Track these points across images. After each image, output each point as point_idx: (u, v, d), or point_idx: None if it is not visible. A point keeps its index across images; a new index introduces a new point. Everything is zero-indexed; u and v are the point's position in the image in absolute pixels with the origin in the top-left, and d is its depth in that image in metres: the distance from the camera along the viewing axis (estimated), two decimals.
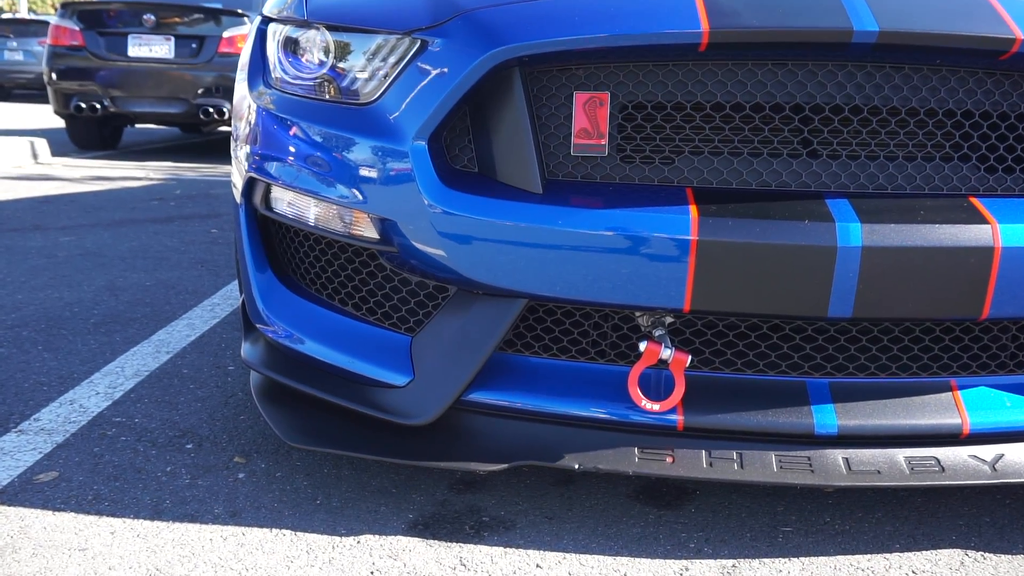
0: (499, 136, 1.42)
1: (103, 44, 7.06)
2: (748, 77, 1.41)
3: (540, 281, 1.37)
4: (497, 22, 1.40)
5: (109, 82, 7.01)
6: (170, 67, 7.01)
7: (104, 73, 7.02)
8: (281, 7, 1.76)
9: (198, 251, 3.70)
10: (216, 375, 2.19)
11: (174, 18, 7.05)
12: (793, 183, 1.42)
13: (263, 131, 1.65)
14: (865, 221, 1.31)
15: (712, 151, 1.43)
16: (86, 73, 7.03)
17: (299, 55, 1.65)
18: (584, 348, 1.51)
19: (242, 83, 1.80)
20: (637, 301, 1.36)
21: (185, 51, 7.03)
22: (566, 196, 1.39)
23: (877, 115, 1.42)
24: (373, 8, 1.57)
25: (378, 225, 1.48)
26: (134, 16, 7.02)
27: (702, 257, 1.31)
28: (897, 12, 1.35)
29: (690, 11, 1.35)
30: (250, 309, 1.74)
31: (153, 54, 7.01)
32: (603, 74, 1.42)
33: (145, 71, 6.99)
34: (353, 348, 1.58)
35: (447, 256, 1.40)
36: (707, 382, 1.46)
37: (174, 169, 6.68)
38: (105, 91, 7.01)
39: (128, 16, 7.05)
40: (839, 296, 1.32)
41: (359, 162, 1.47)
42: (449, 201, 1.39)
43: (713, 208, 1.34)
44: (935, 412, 1.44)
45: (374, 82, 1.51)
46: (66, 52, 7.06)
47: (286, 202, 1.64)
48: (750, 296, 1.33)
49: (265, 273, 1.72)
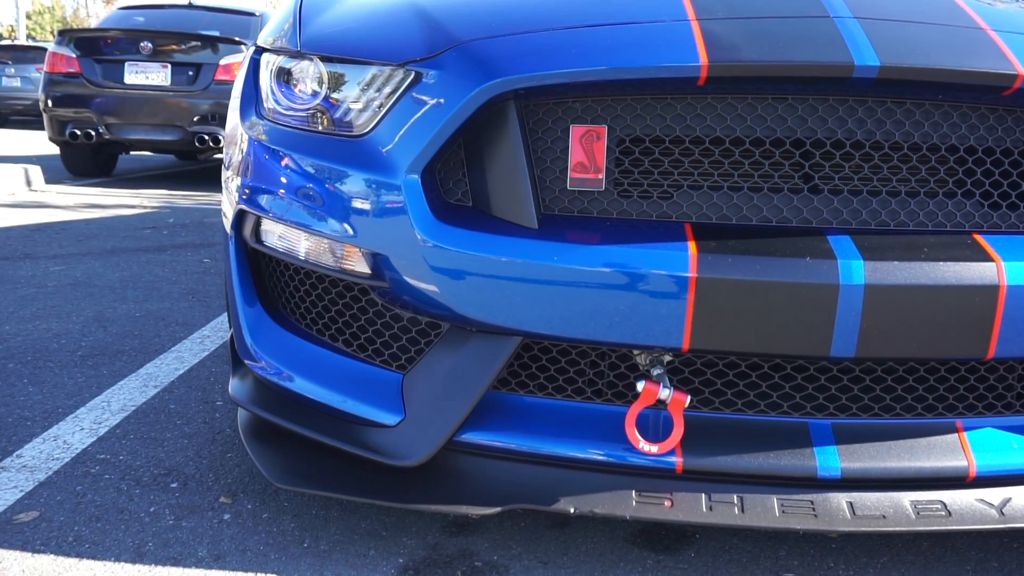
0: (494, 170, 1.41)
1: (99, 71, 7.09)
2: (748, 111, 1.40)
3: (535, 318, 1.35)
4: (492, 54, 1.39)
5: (105, 109, 7.03)
6: (166, 94, 7.04)
7: (100, 100, 7.04)
8: (275, 37, 1.76)
9: (190, 281, 3.68)
10: (204, 411, 2.16)
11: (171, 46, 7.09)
12: (794, 219, 1.40)
13: (254, 162, 1.64)
14: (868, 258, 1.30)
15: (711, 186, 1.42)
16: (82, 100, 7.06)
17: (292, 86, 1.64)
18: (580, 387, 1.48)
19: (234, 113, 1.79)
20: (635, 339, 1.33)
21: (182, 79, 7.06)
22: (562, 231, 1.37)
23: (879, 150, 1.41)
24: (368, 39, 1.57)
25: (370, 260, 1.46)
26: (131, 44, 7.06)
27: (701, 294, 1.29)
28: (899, 47, 1.34)
29: (688, 44, 1.34)
30: (238, 344, 1.71)
31: (149, 81, 7.04)
32: (600, 107, 1.41)
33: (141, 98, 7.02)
34: (343, 386, 1.55)
35: (440, 292, 1.38)
36: (707, 423, 1.44)
37: (168, 197, 6.68)
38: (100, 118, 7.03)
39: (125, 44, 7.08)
40: (842, 335, 1.30)
41: (351, 195, 1.46)
42: (442, 236, 1.37)
43: (712, 244, 1.32)
44: (941, 454, 1.41)
45: (367, 114, 1.50)
46: (62, 79, 7.09)
47: (276, 235, 1.63)
48: (751, 335, 1.31)
49: (254, 307, 1.70)
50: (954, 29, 1.41)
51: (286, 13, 1.80)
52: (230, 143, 1.80)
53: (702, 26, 1.37)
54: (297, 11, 1.74)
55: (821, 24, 1.37)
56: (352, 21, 1.65)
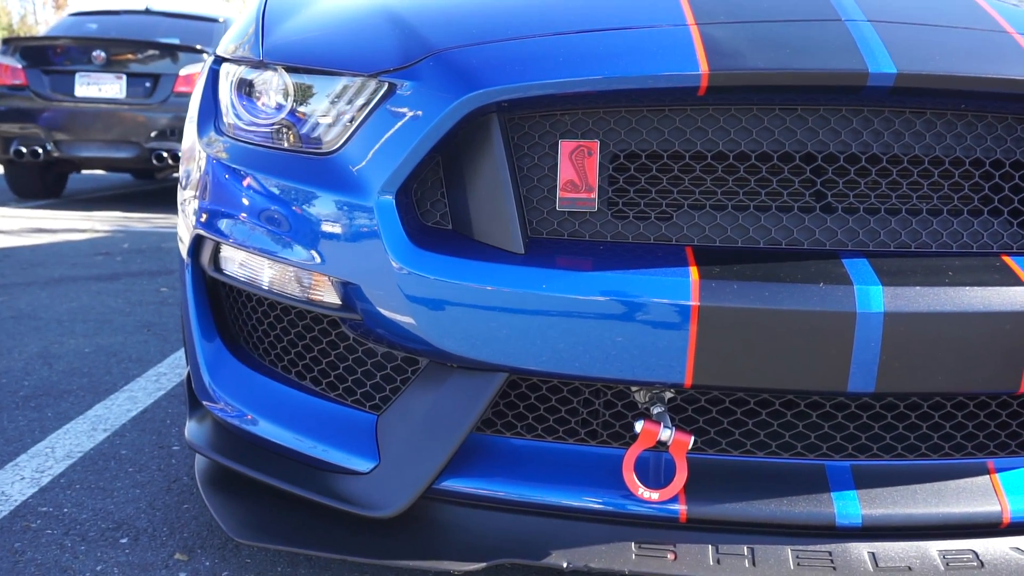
0: (475, 189, 1.39)
1: (48, 83, 7.07)
2: (753, 123, 1.39)
3: (522, 352, 1.33)
4: (473, 63, 1.38)
5: (53, 124, 7.00)
6: (121, 108, 7.02)
7: (48, 115, 7.02)
8: (236, 45, 1.74)
9: (145, 313, 3.64)
10: (159, 456, 2.11)
11: (126, 55, 7.08)
12: (805, 241, 1.39)
13: (212, 183, 1.62)
14: (887, 284, 1.28)
15: (714, 206, 1.41)
16: (28, 115, 7.02)
17: (255, 99, 1.63)
18: (573, 428, 1.46)
19: (191, 129, 1.77)
20: (632, 375, 1.32)
21: (138, 90, 7.05)
22: (551, 256, 1.36)
23: (897, 165, 1.40)
24: (337, 48, 1.55)
25: (340, 289, 1.44)
26: (83, 53, 7.04)
27: (704, 325, 1.27)
28: (916, 52, 1.33)
29: (687, 51, 1.33)
30: (196, 383, 1.69)
31: (103, 94, 7.02)
32: (592, 120, 1.40)
33: (93, 112, 6.99)
34: (311, 428, 1.53)
35: (417, 324, 1.36)
36: (713, 466, 1.42)
37: (123, 220, 6.65)
38: (49, 134, 7.00)
39: (76, 53, 7.07)
40: (860, 368, 1.28)
41: (319, 218, 1.44)
42: (418, 262, 1.35)
43: (716, 270, 1.31)
44: (971, 498, 1.39)
45: (337, 129, 1.49)
46: (6, 92, 7.06)
47: (237, 263, 1.61)
48: (759, 369, 1.29)
49: (213, 342, 1.67)
50: (977, 33, 1.40)
51: (248, 19, 1.78)
52: (187, 161, 1.78)
53: (702, 31, 1.36)
54: (260, 17, 1.72)
55: (832, 28, 1.37)
56: (320, 28, 1.64)
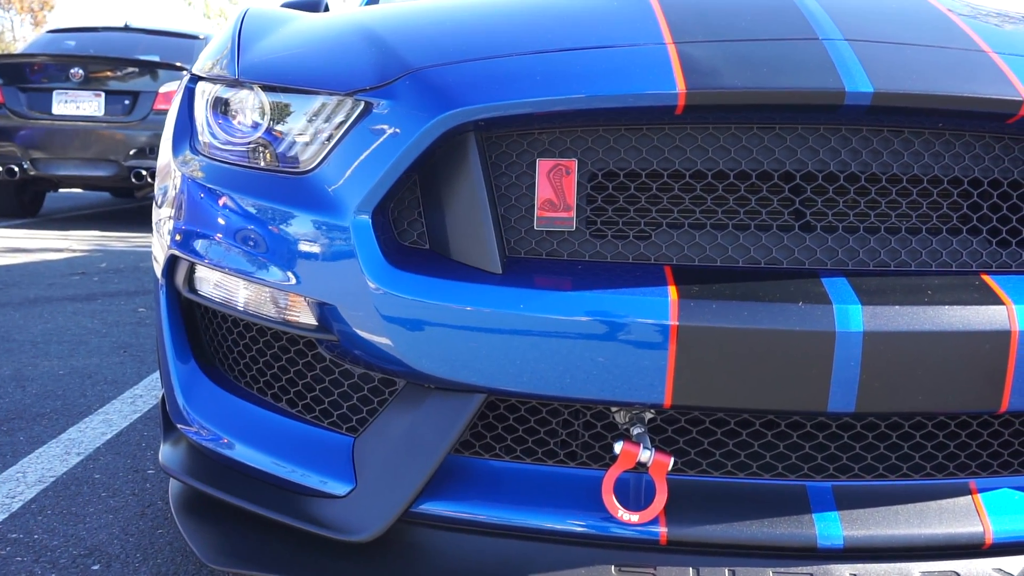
0: (453, 209, 1.42)
1: (24, 101, 7.10)
2: (731, 142, 1.42)
3: (500, 373, 1.35)
4: (450, 82, 1.41)
5: (30, 143, 7.03)
6: (99, 126, 7.05)
7: (25, 133, 7.05)
8: (212, 64, 1.77)
9: (121, 334, 3.65)
10: (133, 481, 2.13)
11: (105, 72, 7.12)
12: (784, 260, 1.42)
13: (188, 202, 1.64)
14: (866, 303, 1.31)
15: (693, 225, 1.43)
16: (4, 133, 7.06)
17: (230, 117, 1.66)
18: (552, 450, 1.48)
19: (166, 148, 1.80)
20: (611, 395, 1.34)
21: (117, 108, 7.08)
22: (529, 276, 1.38)
23: (876, 184, 1.43)
24: (313, 66, 1.58)
25: (316, 310, 1.46)
26: (60, 70, 7.08)
27: (683, 345, 1.30)
28: (893, 71, 1.37)
29: (664, 70, 1.36)
30: (170, 405, 1.70)
31: (81, 111, 7.06)
32: (569, 139, 1.43)
33: (71, 130, 7.02)
34: (287, 451, 1.54)
35: (393, 345, 1.38)
36: (693, 487, 1.44)
37: (100, 239, 6.65)
38: (25, 152, 7.03)
39: (54, 70, 7.10)
40: (840, 388, 1.30)
41: (295, 238, 1.46)
42: (395, 282, 1.37)
43: (695, 289, 1.33)
44: (953, 519, 1.41)
45: (313, 148, 1.51)
46: None
47: (212, 283, 1.63)
48: (739, 389, 1.31)
49: (188, 364, 1.69)
50: (953, 52, 1.44)
51: (224, 38, 1.81)
52: (162, 180, 1.80)
53: (679, 50, 1.39)
54: (236, 35, 1.76)
55: (809, 47, 1.40)
56: (296, 47, 1.67)
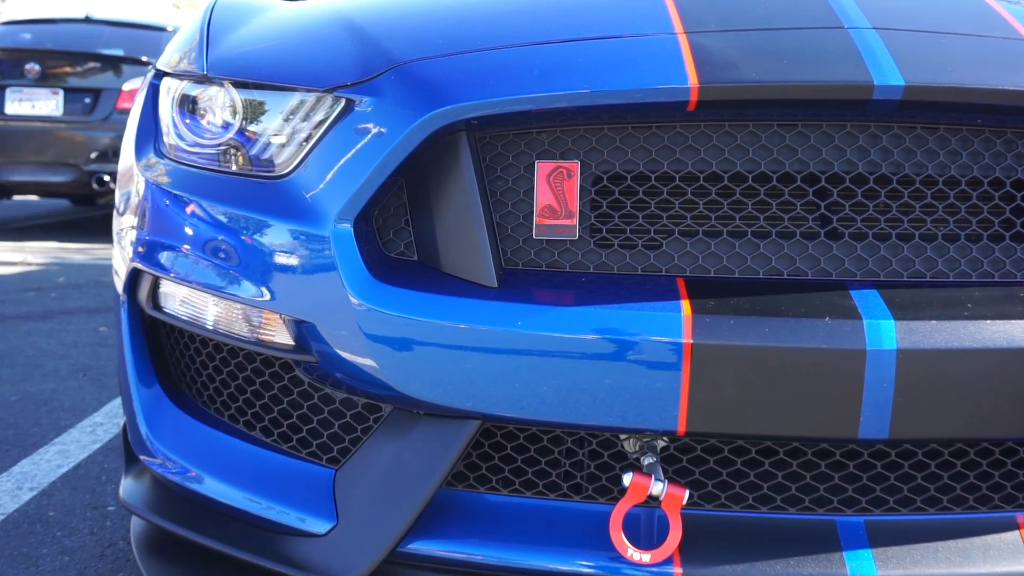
0: (443, 216, 1.43)
1: None
2: (749, 141, 1.43)
3: (496, 397, 1.37)
4: (440, 76, 1.43)
5: None
6: (57, 126, 7.09)
7: None
8: (179, 58, 1.79)
9: (81, 356, 3.67)
10: (92, 519, 2.14)
11: (64, 68, 7.17)
12: (809, 270, 1.43)
13: (152, 210, 1.66)
14: (899, 317, 1.32)
15: (708, 232, 1.45)
16: None
17: (199, 116, 1.67)
18: (554, 482, 1.49)
19: (128, 150, 1.81)
20: (619, 422, 1.35)
21: (76, 107, 7.12)
22: (527, 290, 1.39)
23: (909, 186, 1.45)
24: (289, 60, 1.60)
25: (293, 328, 1.48)
26: (14, 66, 7.13)
27: (698, 365, 1.31)
28: (927, 62, 1.38)
29: (675, 63, 1.38)
30: (132, 435, 1.72)
31: (37, 111, 7.10)
32: (571, 139, 1.45)
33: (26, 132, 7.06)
34: (261, 486, 1.56)
35: (378, 366, 1.40)
36: (711, 523, 1.45)
37: (58, 251, 6.68)
38: None
39: (7, 66, 7.15)
40: (871, 412, 1.31)
41: (269, 249, 1.48)
42: (380, 298, 1.39)
43: (711, 303, 1.35)
44: (1000, 557, 1.42)
45: (290, 150, 1.53)
46: None
47: (179, 299, 1.64)
48: (760, 413, 1.32)
49: (152, 388, 1.71)
50: (993, 41, 1.46)
51: (191, 29, 1.84)
52: (123, 186, 1.81)
53: (691, 40, 1.41)
54: (204, 27, 1.78)
55: (833, 37, 1.42)
56: (271, 39, 1.69)
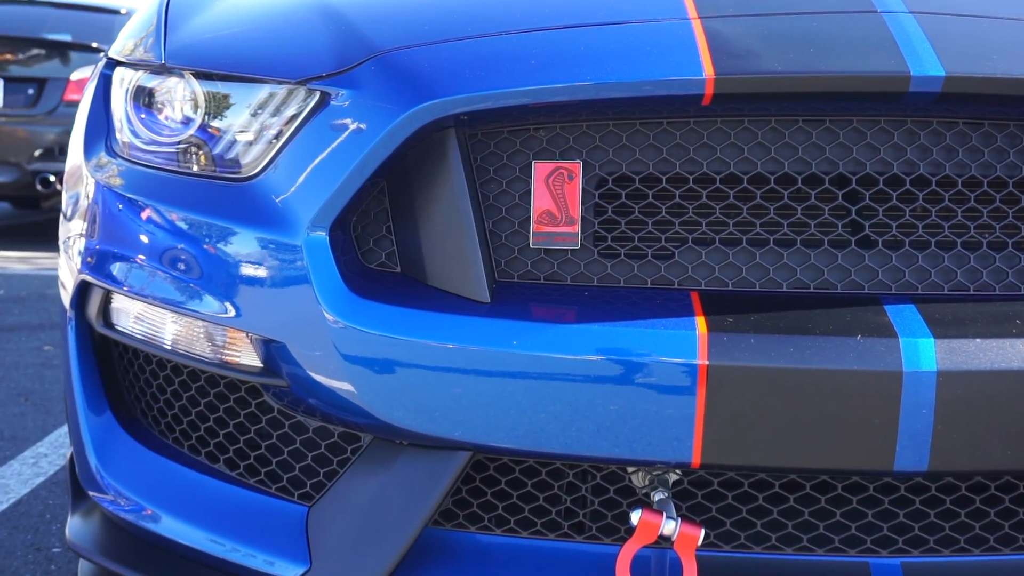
0: (429, 223, 1.41)
1: None
2: (771, 139, 1.41)
3: (489, 426, 1.35)
4: (425, 67, 1.41)
5: None
6: None
7: None
8: (134, 45, 1.77)
9: (22, 378, 3.65)
10: (35, 562, 2.11)
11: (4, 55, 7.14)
12: (838, 283, 1.42)
13: (102, 216, 1.64)
14: (940, 335, 1.30)
15: (725, 241, 1.43)
16: None
17: (156, 111, 1.66)
18: (553, 520, 1.47)
19: (76, 148, 1.80)
20: (626, 453, 1.33)
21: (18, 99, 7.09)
22: (524, 305, 1.38)
23: (950, 188, 1.43)
24: (258, 49, 1.59)
25: (261, 349, 1.46)
26: None
27: (715, 389, 1.29)
28: (970, 50, 1.37)
29: (688, 51, 1.36)
30: (80, 467, 1.69)
31: None
32: (573, 137, 1.43)
33: None
34: (226, 525, 1.54)
35: (357, 391, 1.38)
36: (730, 566, 1.43)
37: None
38: None
39: None
40: (909, 442, 1.29)
41: (235, 260, 1.46)
42: (358, 314, 1.36)
43: (728, 320, 1.33)
44: None
45: (258, 148, 1.51)
46: None
47: (133, 316, 1.62)
48: (784, 443, 1.30)
49: (102, 416, 1.69)
50: None
51: (148, 13, 1.81)
52: (71, 188, 1.80)
53: (706, 26, 1.39)
54: (162, 10, 1.75)
55: (865, 22, 1.40)
56: (237, 25, 1.67)
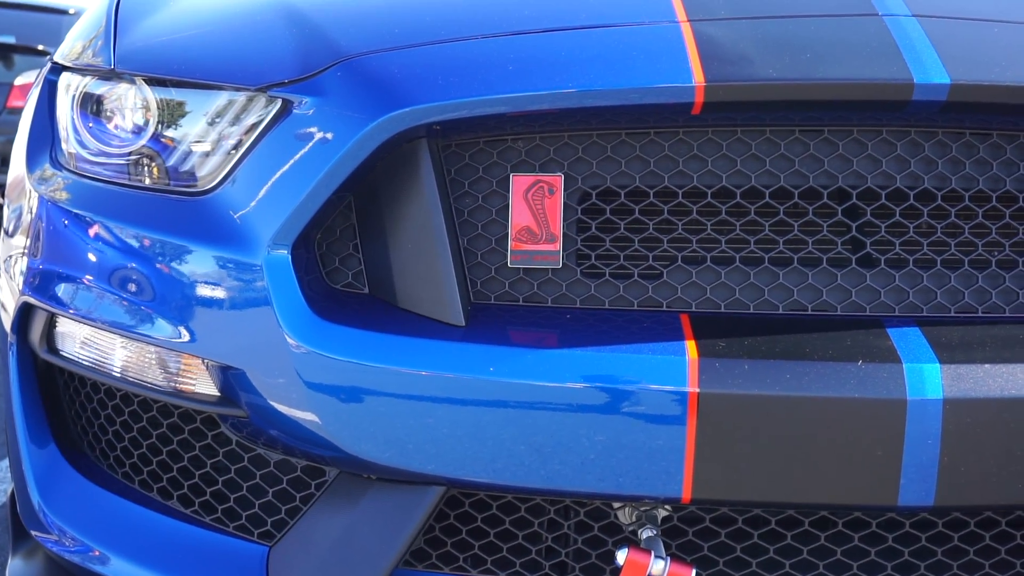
0: (399, 240, 1.42)
1: None
2: (766, 150, 1.43)
3: (464, 459, 1.35)
4: (395, 73, 1.42)
5: None
6: None
7: None
8: (80, 48, 1.77)
9: None
10: None
11: None
12: (838, 305, 1.43)
13: (47, 232, 1.65)
14: (946, 361, 1.31)
15: (717, 259, 1.44)
16: None
17: (105, 120, 1.66)
18: (534, 560, 1.47)
19: (19, 159, 1.79)
20: (612, 488, 1.34)
21: None
22: (501, 329, 1.39)
23: (956, 203, 1.44)
24: (215, 53, 1.59)
25: (218, 376, 1.46)
26: None
27: (706, 418, 1.30)
28: (977, 56, 1.38)
29: (677, 57, 1.37)
30: (21, 504, 1.69)
31: None
32: (553, 148, 1.44)
33: None
34: (179, 566, 1.54)
35: (321, 422, 1.38)
36: None
37: None
38: None
39: None
40: (914, 474, 1.30)
41: (190, 280, 1.47)
42: (323, 338, 1.37)
43: (720, 345, 1.34)
44: None
45: (215, 159, 1.52)
46: None
47: (79, 341, 1.63)
48: (780, 477, 1.31)
49: (46, 448, 1.68)
50: None
51: (96, 14, 1.82)
52: (13, 201, 1.80)
53: (696, 30, 1.40)
54: (112, 12, 1.76)
55: (865, 26, 1.42)
56: (193, 27, 1.67)
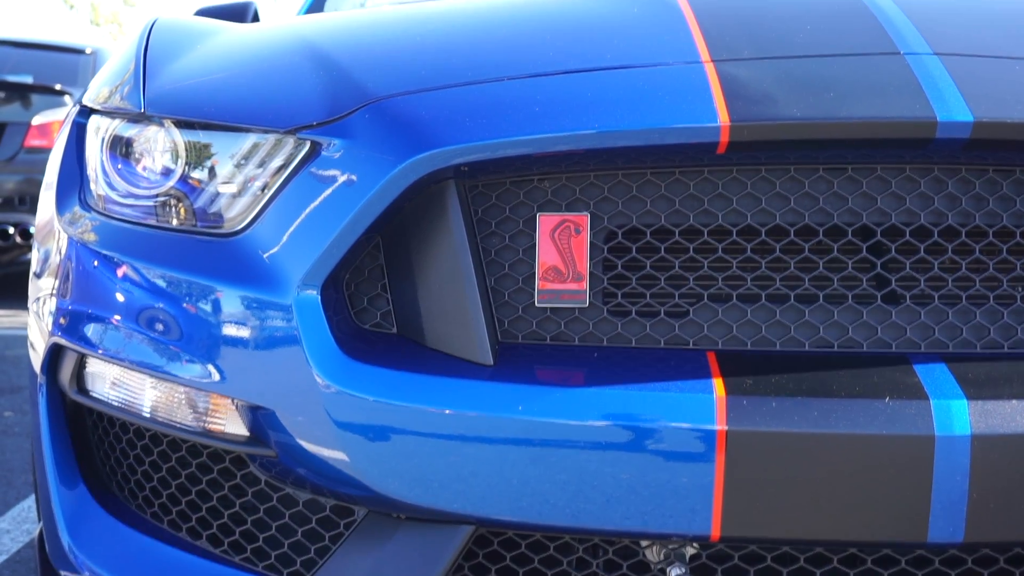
0: (427, 280, 1.44)
1: None
2: (791, 189, 1.44)
3: (493, 498, 1.36)
4: (423, 115, 1.44)
5: None
6: None
7: None
8: (110, 92, 1.80)
9: None
10: None
11: None
12: (864, 342, 1.44)
13: (76, 273, 1.66)
14: (973, 396, 1.32)
15: (743, 297, 1.45)
16: None
17: (134, 162, 1.68)
18: None
19: (48, 201, 1.81)
20: (640, 526, 1.34)
21: None
22: (529, 368, 1.40)
23: (981, 240, 1.45)
24: (243, 96, 1.62)
25: (247, 416, 1.48)
26: None
27: (734, 456, 1.31)
28: (999, 94, 1.40)
29: (701, 97, 1.39)
30: (51, 545, 1.70)
31: None
32: (579, 188, 1.46)
33: None
34: None
35: (350, 461, 1.39)
36: None
37: None
38: None
39: None
40: (943, 511, 1.31)
41: (219, 321, 1.48)
42: (352, 378, 1.39)
43: (748, 382, 1.35)
44: None
45: (244, 201, 1.54)
46: None
47: (109, 381, 1.64)
48: (808, 514, 1.32)
49: (75, 489, 1.69)
50: None
51: (125, 58, 1.85)
52: (42, 244, 1.81)
53: (720, 70, 1.43)
54: (140, 54, 1.79)
55: (888, 64, 1.44)
56: (220, 69, 1.70)
